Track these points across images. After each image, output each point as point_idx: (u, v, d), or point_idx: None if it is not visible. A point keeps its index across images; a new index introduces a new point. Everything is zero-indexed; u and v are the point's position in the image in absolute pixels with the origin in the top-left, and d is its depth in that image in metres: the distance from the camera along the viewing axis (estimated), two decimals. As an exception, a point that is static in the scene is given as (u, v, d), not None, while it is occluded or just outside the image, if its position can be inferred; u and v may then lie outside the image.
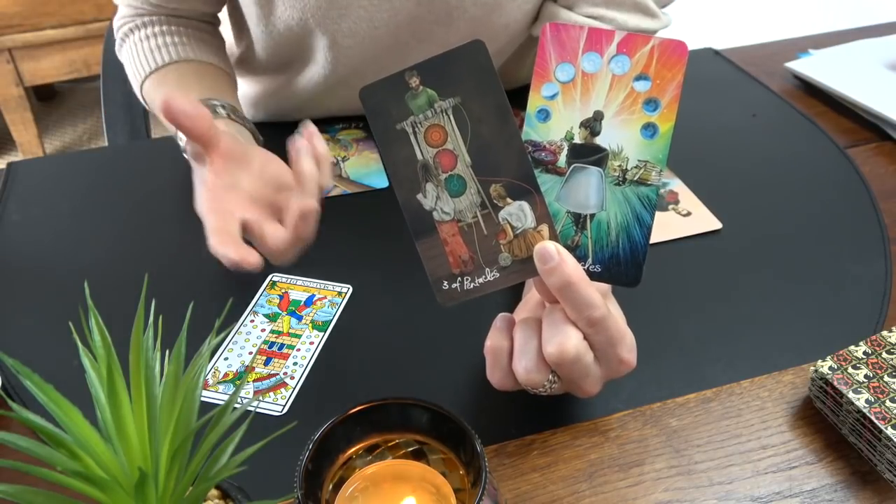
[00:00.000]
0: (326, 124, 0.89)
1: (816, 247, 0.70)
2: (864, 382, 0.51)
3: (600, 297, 0.46)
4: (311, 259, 0.70)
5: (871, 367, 0.52)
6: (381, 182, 0.79)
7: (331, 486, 0.40)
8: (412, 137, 0.47)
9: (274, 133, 0.87)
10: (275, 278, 0.67)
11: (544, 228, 0.47)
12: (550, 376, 0.48)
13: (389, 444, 0.42)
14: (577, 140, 0.47)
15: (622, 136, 0.47)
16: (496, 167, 0.47)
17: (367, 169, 0.81)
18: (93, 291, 0.41)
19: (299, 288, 0.66)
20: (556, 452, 0.52)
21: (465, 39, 0.77)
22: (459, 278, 0.48)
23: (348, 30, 0.74)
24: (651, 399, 0.56)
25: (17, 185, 0.80)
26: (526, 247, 0.47)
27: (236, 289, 0.66)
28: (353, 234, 0.73)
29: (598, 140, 0.47)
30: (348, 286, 0.66)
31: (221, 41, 0.85)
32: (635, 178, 0.47)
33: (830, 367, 0.52)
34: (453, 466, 0.41)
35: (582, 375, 0.47)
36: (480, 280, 0.48)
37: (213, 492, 0.40)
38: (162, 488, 0.35)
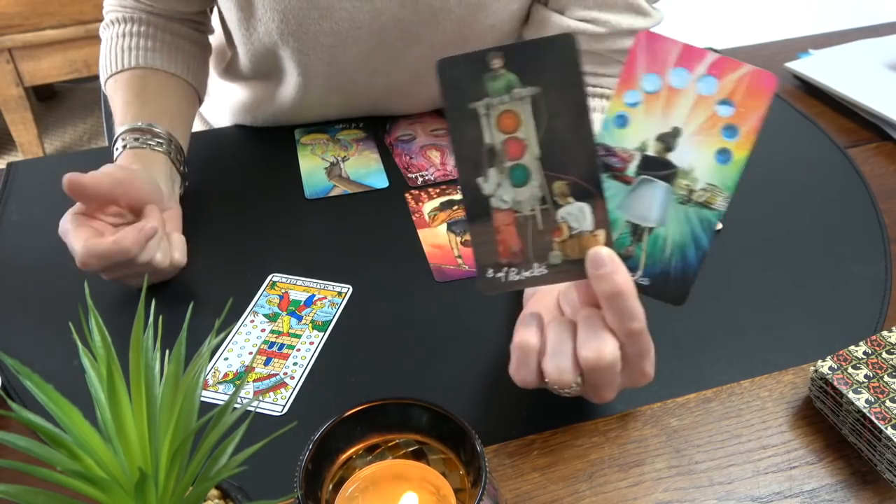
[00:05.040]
0: (326, 124, 0.89)
1: (816, 247, 0.70)
2: (864, 382, 0.51)
3: (643, 311, 0.46)
4: (311, 259, 0.70)
5: (871, 367, 0.52)
6: (381, 182, 0.79)
7: (331, 486, 0.40)
8: (483, 119, 0.45)
9: (272, 137, 0.88)
10: (275, 278, 0.67)
11: (601, 233, 0.46)
12: (578, 379, 0.48)
13: (389, 444, 0.42)
14: (651, 152, 0.46)
15: (695, 157, 0.46)
16: (564, 164, 0.46)
17: (367, 169, 0.81)
18: (93, 291, 0.41)
19: (299, 288, 0.66)
20: (557, 452, 0.52)
21: (452, 40, 0.77)
22: (506, 269, 0.47)
23: (330, 30, 0.74)
24: (651, 399, 0.56)
25: (17, 185, 0.80)
26: (579, 248, 0.46)
27: (236, 289, 0.66)
28: (353, 234, 0.73)
29: (671, 156, 0.46)
30: (348, 286, 0.66)
31: (200, 49, 0.84)
32: (701, 200, 0.46)
33: (830, 367, 0.52)
34: (453, 466, 0.41)
35: (607, 382, 0.48)
36: (526, 273, 0.47)
37: (213, 492, 0.40)
38: (162, 488, 0.35)
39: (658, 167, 0.47)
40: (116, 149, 0.72)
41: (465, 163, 0.46)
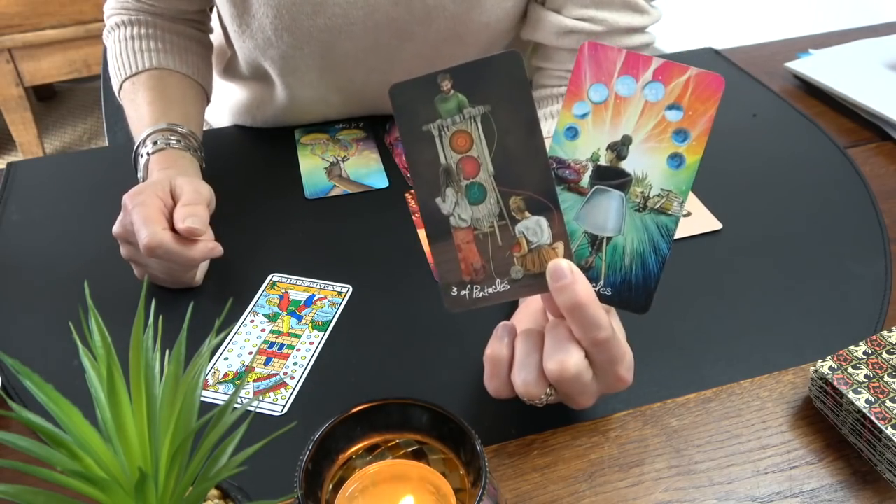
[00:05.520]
0: (326, 124, 0.89)
1: (816, 247, 0.70)
2: (864, 382, 0.51)
3: (607, 319, 0.46)
4: (311, 259, 0.70)
5: (871, 367, 0.52)
6: (381, 182, 0.79)
7: (331, 486, 0.40)
8: (437, 140, 0.47)
9: (272, 137, 0.88)
10: (275, 278, 0.67)
11: (559, 246, 0.46)
12: (548, 389, 0.48)
13: (389, 444, 0.42)
14: (603, 162, 0.47)
15: (648, 163, 0.46)
16: (518, 180, 0.46)
17: (368, 169, 0.81)
18: (93, 291, 0.41)
19: (299, 288, 0.66)
20: (556, 452, 0.52)
21: (447, 38, 0.77)
22: (469, 286, 0.48)
23: (324, 25, 0.74)
24: (651, 399, 0.56)
25: (17, 185, 0.80)
26: (539, 262, 0.47)
27: (236, 289, 0.66)
28: (353, 234, 0.73)
29: (624, 164, 0.47)
30: (348, 286, 0.66)
31: (205, 48, 0.84)
32: (656, 207, 0.46)
33: (830, 367, 0.52)
34: (453, 466, 0.41)
35: (579, 392, 0.48)
36: (490, 290, 0.48)
37: (213, 492, 0.40)
38: (162, 488, 0.35)
39: (612, 176, 0.47)
40: (145, 144, 0.71)
41: (423, 184, 0.47)
